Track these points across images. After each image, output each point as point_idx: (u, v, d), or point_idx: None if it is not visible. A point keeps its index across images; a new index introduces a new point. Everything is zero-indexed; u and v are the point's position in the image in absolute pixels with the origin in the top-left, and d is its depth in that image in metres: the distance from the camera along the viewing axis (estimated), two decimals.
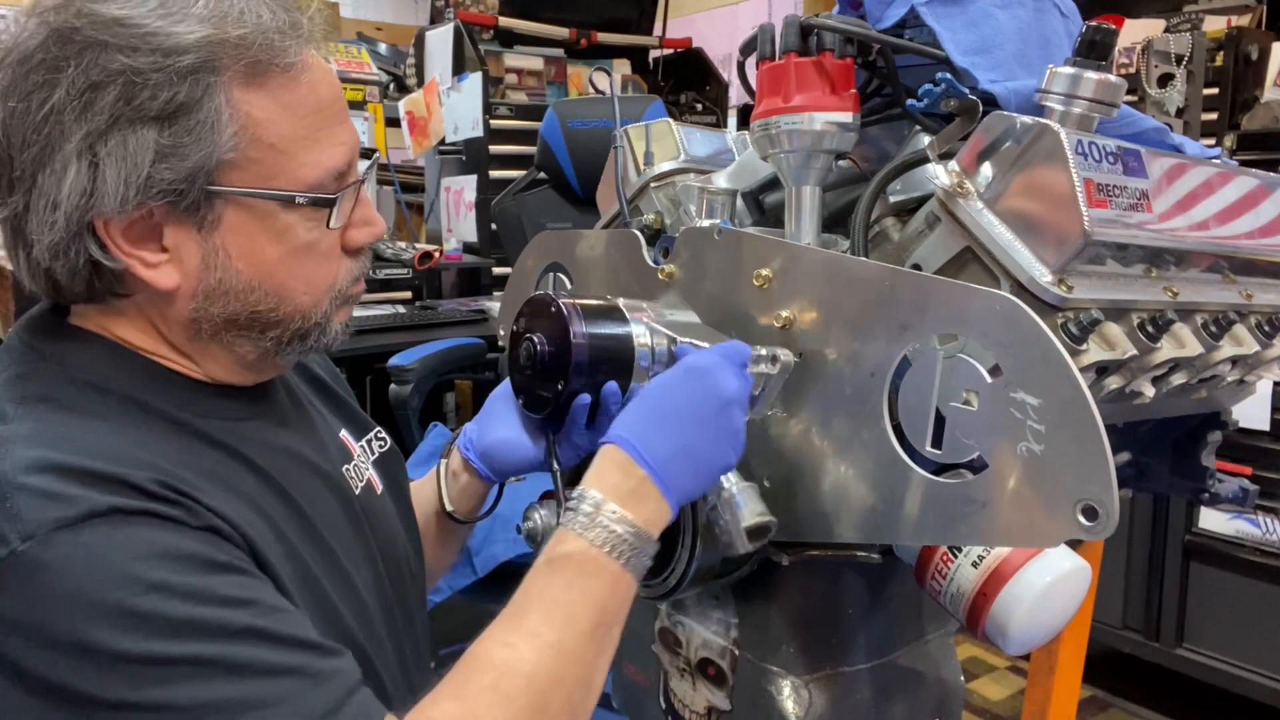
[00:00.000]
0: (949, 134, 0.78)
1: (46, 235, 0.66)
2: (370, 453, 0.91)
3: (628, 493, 0.70)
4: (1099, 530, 0.62)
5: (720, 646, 0.95)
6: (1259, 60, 2.48)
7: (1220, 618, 2.34)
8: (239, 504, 0.68)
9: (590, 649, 0.67)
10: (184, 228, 0.68)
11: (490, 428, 0.90)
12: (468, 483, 0.94)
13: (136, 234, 0.67)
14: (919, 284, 0.72)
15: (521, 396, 0.86)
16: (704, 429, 0.73)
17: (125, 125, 0.64)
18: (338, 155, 0.71)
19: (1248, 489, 1.09)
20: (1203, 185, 0.82)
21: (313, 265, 0.73)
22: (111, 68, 0.63)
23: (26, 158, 0.65)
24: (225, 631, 0.59)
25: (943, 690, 1.02)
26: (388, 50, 4.13)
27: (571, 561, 0.68)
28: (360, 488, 0.85)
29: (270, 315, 0.72)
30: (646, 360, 0.81)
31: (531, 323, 0.83)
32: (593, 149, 2.14)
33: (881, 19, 0.87)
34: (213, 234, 0.68)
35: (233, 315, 0.71)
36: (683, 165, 1.06)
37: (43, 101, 0.63)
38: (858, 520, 0.77)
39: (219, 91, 0.65)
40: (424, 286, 3.10)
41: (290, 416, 0.82)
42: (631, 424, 0.73)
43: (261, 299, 0.71)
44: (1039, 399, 0.64)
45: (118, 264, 0.67)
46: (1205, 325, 0.81)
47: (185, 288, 0.69)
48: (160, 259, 0.68)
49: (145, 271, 0.68)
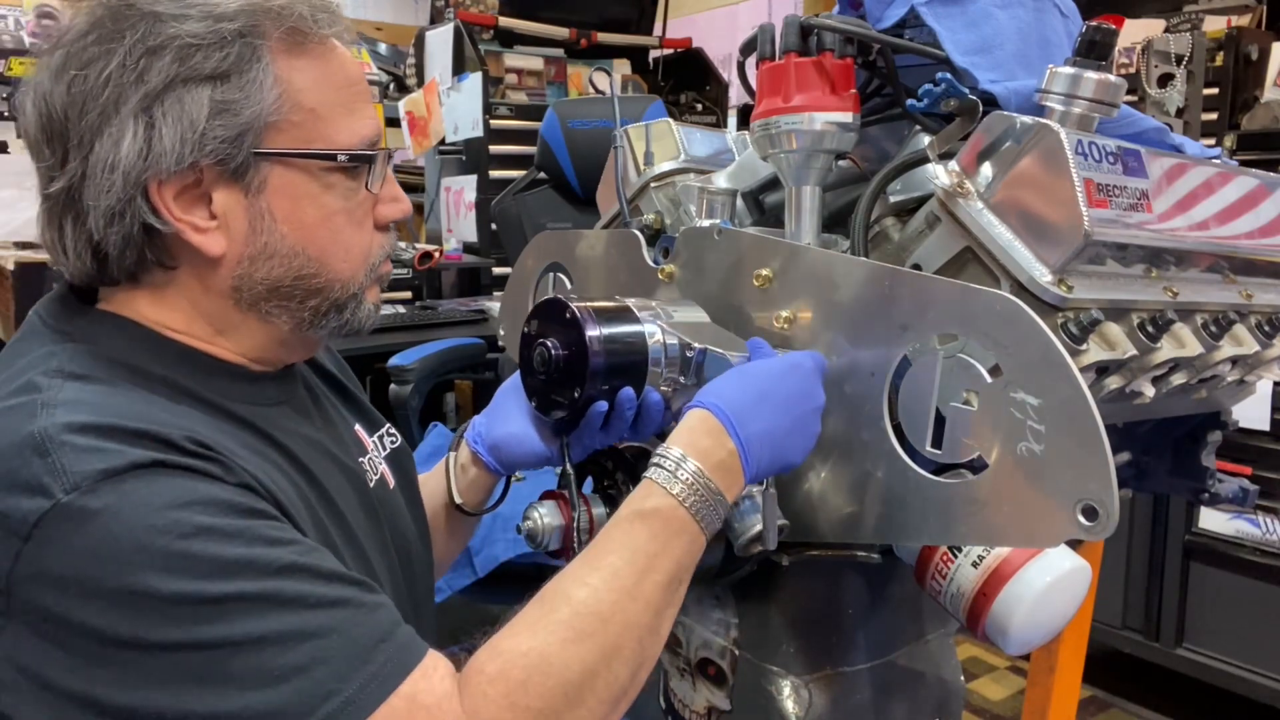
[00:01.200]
0: (949, 134, 0.78)
1: (104, 199, 0.68)
2: (383, 448, 0.93)
3: (717, 462, 0.72)
4: (1099, 530, 0.62)
5: (720, 646, 0.95)
6: (1259, 60, 2.48)
7: (1220, 618, 2.33)
8: (272, 472, 0.70)
9: (663, 600, 0.69)
10: (232, 192, 0.71)
11: (499, 421, 0.91)
12: (476, 475, 0.94)
13: (188, 200, 0.70)
14: (919, 284, 0.72)
15: (534, 399, 0.86)
16: (791, 423, 0.75)
17: (180, 85, 0.68)
18: (370, 125, 0.75)
19: (1248, 489, 1.09)
20: (1203, 185, 0.82)
21: (351, 232, 0.76)
22: (166, 33, 0.67)
23: (85, 125, 0.68)
24: (273, 568, 0.60)
25: (943, 690, 1.02)
26: (388, 50, 4.13)
27: (659, 516, 0.70)
28: (375, 480, 0.86)
29: (313, 281, 0.75)
30: (660, 363, 0.81)
31: (544, 327, 0.82)
32: (593, 149, 2.14)
33: (881, 19, 0.87)
34: (259, 197, 0.71)
35: (276, 281, 0.74)
36: (683, 165, 1.06)
37: (101, 70, 0.67)
38: (858, 520, 0.77)
39: (265, 54, 0.70)
40: (424, 286, 3.11)
41: (310, 408, 0.84)
42: (730, 398, 0.75)
43: (305, 264, 0.74)
44: (1039, 399, 0.64)
45: (170, 228, 0.69)
46: (1205, 325, 0.81)
47: (232, 254, 0.72)
48: (210, 224, 0.71)
49: (196, 236, 0.70)
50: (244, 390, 0.75)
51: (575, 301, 0.80)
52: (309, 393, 0.85)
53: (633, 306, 0.83)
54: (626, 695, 0.67)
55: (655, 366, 0.81)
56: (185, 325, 0.74)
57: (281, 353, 0.79)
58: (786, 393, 0.76)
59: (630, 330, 0.81)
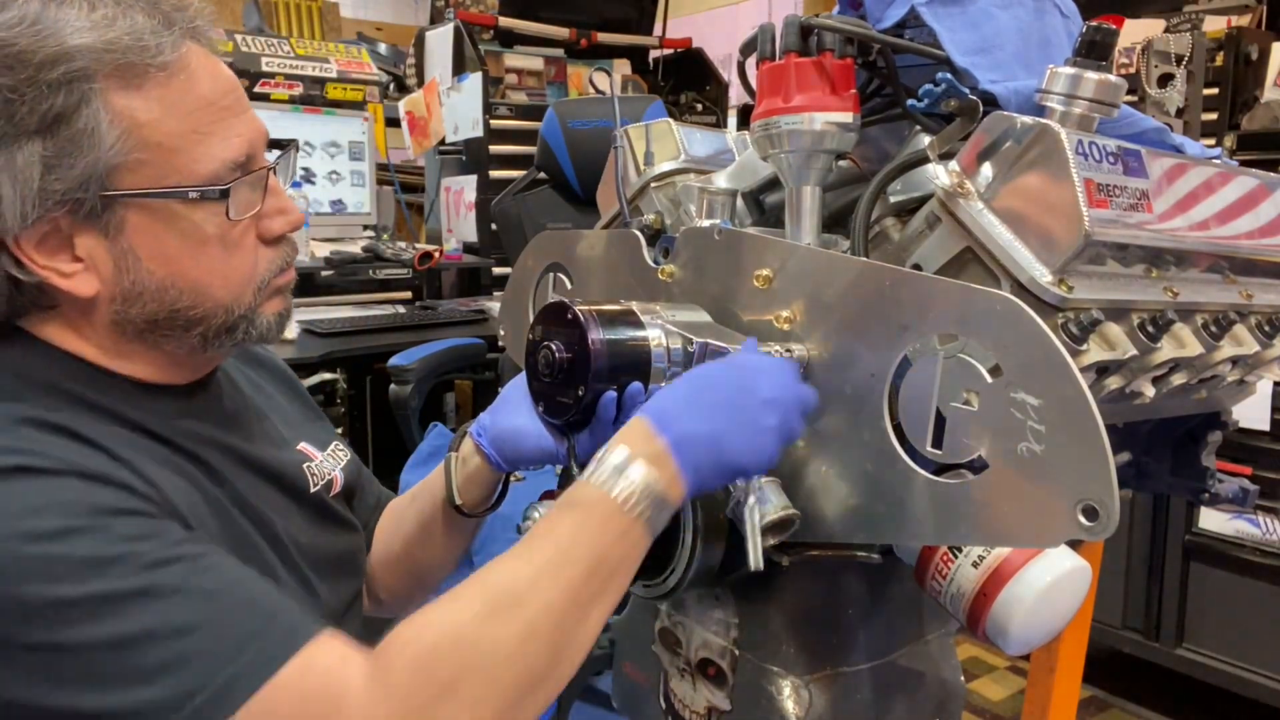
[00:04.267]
0: (949, 134, 0.78)
1: None
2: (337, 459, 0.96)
3: (647, 455, 0.71)
4: (1099, 530, 0.62)
5: (720, 646, 0.95)
6: (1259, 60, 2.48)
7: (1220, 618, 2.34)
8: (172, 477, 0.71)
9: (587, 587, 0.67)
10: (91, 235, 0.70)
11: (505, 416, 0.91)
12: (477, 468, 0.93)
13: (49, 247, 0.69)
14: (919, 284, 0.72)
15: (540, 403, 0.86)
16: (732, 421, 0.73)
17: (10, 142, 0.66)
18: (233, 147, 0.72)
19: (1248, 489, 1.09)
20: (1203, 185, 0.82)
21: (225, 259, 0.74)
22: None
23: None
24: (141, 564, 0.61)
25: (943, 690, 1.02)
26: (388, 50, 4.13)
27: (581, 506, 0.70)
28: (319, 485, 0.90)
29: (191, 313, 0.74)
30: (663, 362, 0.81)
31: (548, 330, 0.83)
32: (593, 149, 2.14)
33: (881, 19, 0.87)
34: (119, 238, 0.70)
35: (152, 316, 0.73)
36: (683, 165, 1.06)
37: None
38: (858, 520, 0.77)
39: (95, 98, 0.66)
40: (424, 286, 3.11)
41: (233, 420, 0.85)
42: (662, 400, 0.74)
43: (179, 297, 0.73)
44: (1039, 399, 0.64)
45: (33, 278, 0.69)
46: (1205, 325, 0.81)
47: (104, 293, 0.71)
48: (75, 268, 0.70)
49: (62, 282, 0.70)
50: (150, 404, 0.76)
51: (578, 305, 0.81)
52: (235, 406, 0.87)
53: (635, 309, 0.83)
54: (545, 682, 0.66)
55: (659, 365, 0.81)
56: (83, 349, 0.74)
57: (184, 372, 0.80)
58: (724, 391, 0.74)
59: (630, 328, 0.81)
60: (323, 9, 3.51)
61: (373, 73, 3.10)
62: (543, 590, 0.66)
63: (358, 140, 2.99)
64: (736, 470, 0.74)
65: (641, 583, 0.86)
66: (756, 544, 0.75)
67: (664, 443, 0.71)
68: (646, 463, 0.70)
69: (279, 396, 0.98)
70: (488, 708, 0.63)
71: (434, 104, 3.14)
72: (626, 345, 0.80)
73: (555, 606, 0.66)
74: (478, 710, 0.62)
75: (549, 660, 0.66)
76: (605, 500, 0.69)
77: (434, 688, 0.61)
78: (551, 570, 0.66)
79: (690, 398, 0.74)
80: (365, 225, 3.06)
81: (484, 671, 0.63)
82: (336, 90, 2.98)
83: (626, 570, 0.70)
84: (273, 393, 0.97)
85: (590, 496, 0.70)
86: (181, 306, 0.73)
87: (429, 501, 0.98)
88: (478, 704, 0.62)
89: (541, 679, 0.65)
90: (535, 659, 0.65)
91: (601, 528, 0.69)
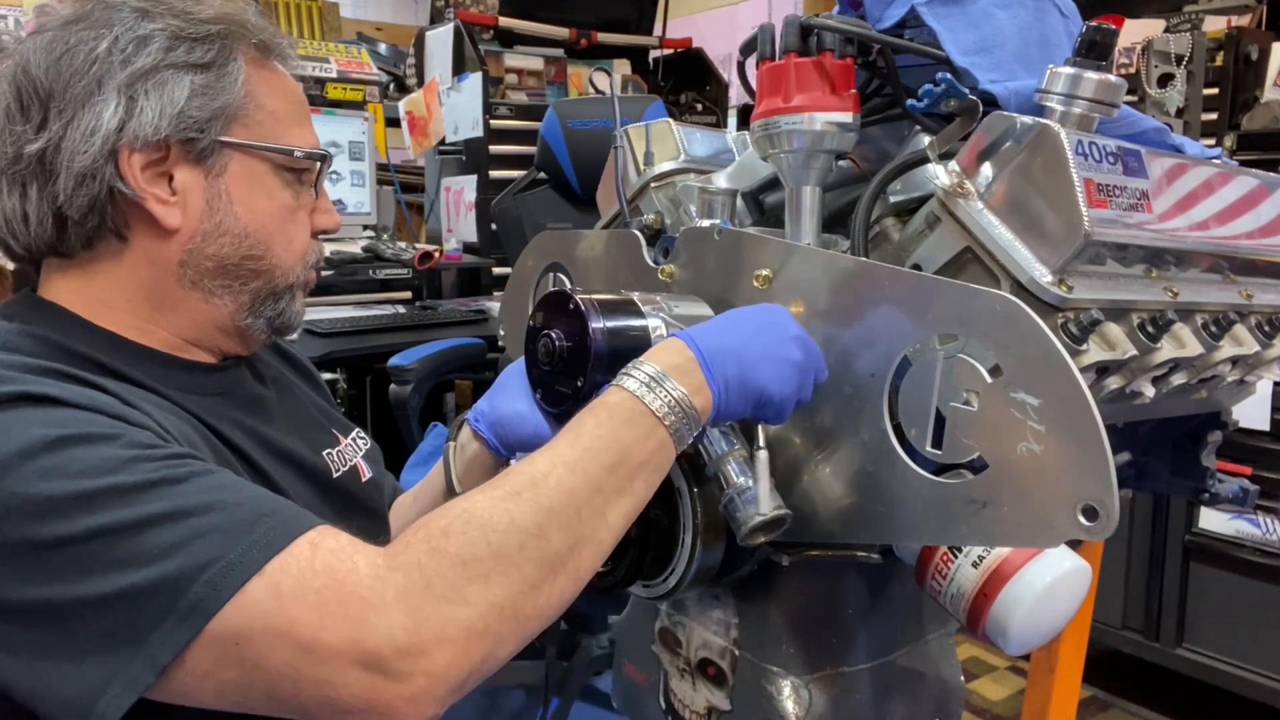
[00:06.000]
0: (949, 134, 0.78)
1: (78, 161, 0.74)
2: (358, 448, 0.98)
3: (674, 366, 0.72)
4: (1099, 530, 0.62)
5: (720, 646, 0.95)
6: (1259, 60, 2.48)
7: (1220, 618, 2.34)
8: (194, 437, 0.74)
9: (607, 481, 0.67)
10: (194, 172, 0.78)
11: (502, 400, 0.91)
12: (476, 454, 0.93)
13: (152, 174, 0.77)
14: (919, 284, 0.72)
15: (539, 391, 0.86)
16: (761, 347, 0.75)
17: (166, 69, 0.76)
18: (314, 140, 0.86)
19: (1248, 489, 1.09)
20: (1203, 185, 0.82)
21: (294, 228, 0.85)
22: (154, 26, 0.77)
23: (69, 96, 0.75)
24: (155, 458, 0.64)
25: (943, 690, 1.02)
26: (388, 50, 4.13)
27: (605, 406, 0.71)
28: (344, 470, 0.91)
29: (257, 264, 0.82)
30: None
31: (549, 319, 0.82)
32: (593, 149, 2.14)
33: (881, 19, 0.87)
34: (218, 180, 0.79)
35: (224, 259, 0.80)
36: (683, 165, 1.06)
37: (89, 51, 0.75)
38: (858, 520, 0.77)
39: (240, 56, 0.80)
40: (424, 286, 3.10)
41: (259, 406, 0.87)
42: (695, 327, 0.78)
43: (253, 245, 0.81)
44: (1039, 399, 0.64)
45: (135, 195, 0.76)
46: (1205, 325, 0.81)
47: (185, 229, 0.78)
48: (170, 198, 0.77)
49: (157, 207, 0.77)
50: (176, 378, 0.80)
51: (580, 294, 0.81)
52: (259, 392, 0.90)
53: (635, 299, 0.83)
54: (563, 568, 0.64)
55: None
56: (123, 304, 0.79)
57: (218, 339, 0.83)
58: (757, 322, 0.77)
59: (630, 317, 0.81)
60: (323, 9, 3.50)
61: (373, 73, 3.09)
62: (562, 478, 0.66)
63: (358, 140, 2.99)
64: (761, 395, 0.75)
65: (641, 583, 0.86)
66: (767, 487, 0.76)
67: (693, 354, 0.73)
68: (674, 371, 0.72)
69: (303, 385, 1.00)
70: (502, 583, 0.61)
71: (434, 104, 3.14)
72: (627, 335, 0.80)
73: (575, 493, 0.66)
74: (491, 586, 0.61)
75: (567, 544, 0.64)
76: (630, 400, 0.71)
77: (446, 560, 0.61)
78: (571, 461, 0.67)
79: (722, 323, 0.78)
80: (365, 225, 3.05)
81: (499, 547, 0.62)
82: (336, 90, 2.98)
83: (648, 474, 0.71)
84: (296, 381, 0.99)
85: (615, 398, 0.71)
86: (253, 254, 0.81)
87: (430, 500, 0.98)
88: (491, 579, 0.61)
89: (559, 563, 0.64)
90: (552, 541, 0.64)
91: (625, 427, 0.70)
